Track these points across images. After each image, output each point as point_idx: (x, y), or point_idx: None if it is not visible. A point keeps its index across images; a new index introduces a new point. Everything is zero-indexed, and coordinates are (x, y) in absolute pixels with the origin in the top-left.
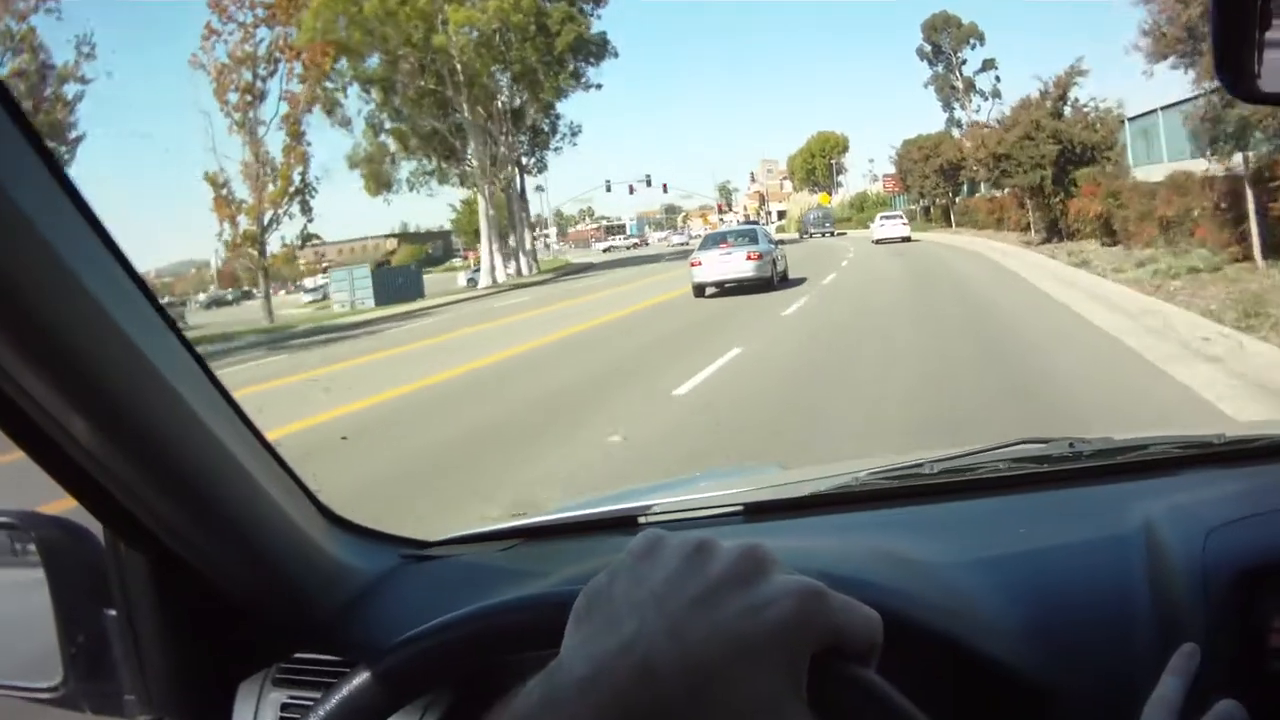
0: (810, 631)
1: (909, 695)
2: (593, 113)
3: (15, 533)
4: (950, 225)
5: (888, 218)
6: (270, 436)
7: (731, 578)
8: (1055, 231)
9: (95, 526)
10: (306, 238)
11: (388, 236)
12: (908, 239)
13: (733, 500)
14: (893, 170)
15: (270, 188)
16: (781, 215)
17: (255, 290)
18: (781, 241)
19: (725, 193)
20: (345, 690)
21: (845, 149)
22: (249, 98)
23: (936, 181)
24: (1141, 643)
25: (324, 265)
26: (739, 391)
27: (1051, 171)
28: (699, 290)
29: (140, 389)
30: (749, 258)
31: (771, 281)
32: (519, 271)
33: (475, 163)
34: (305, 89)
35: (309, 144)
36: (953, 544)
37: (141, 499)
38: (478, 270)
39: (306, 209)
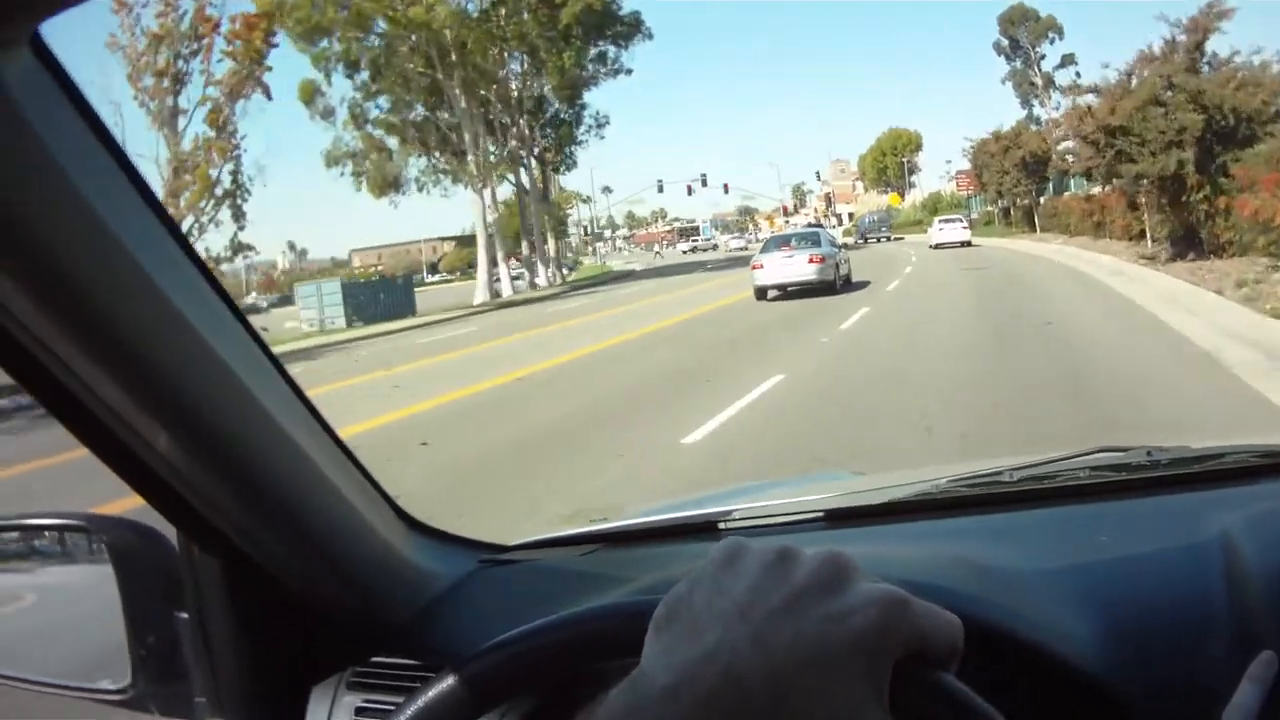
0: (894, 639)
1: (991, 701)
2: (658, 108)
3: (85, 535)
4: (1034, 229)
5: (947, 221)
6: None
7: (814, 586)
8: (1192, 242)
9: (166, 529)
10: (238, 248)
11: (433, 240)
12: (967, 243)
13: (813, 507)
14: (968, 168)
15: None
16: (851, 217)
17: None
18: (846, 245)
19: (799, 194)
20: (428, 696)
21: (918, 147)
22: (166, 82)
23: (1017, 178)
24: (1219, 651)
25: (356, 272)
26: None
27: (1194, 153)
28: (760, 293)
29: (216, 392)
30: (811, 260)
31: (834, 285)
32: (532, 283)
33: (471, 158)
34: (231, 72)
35: (241, 137)
36: (1034, 551)
37: (216, 503)
38: (515, 276)
39: (239, 215)
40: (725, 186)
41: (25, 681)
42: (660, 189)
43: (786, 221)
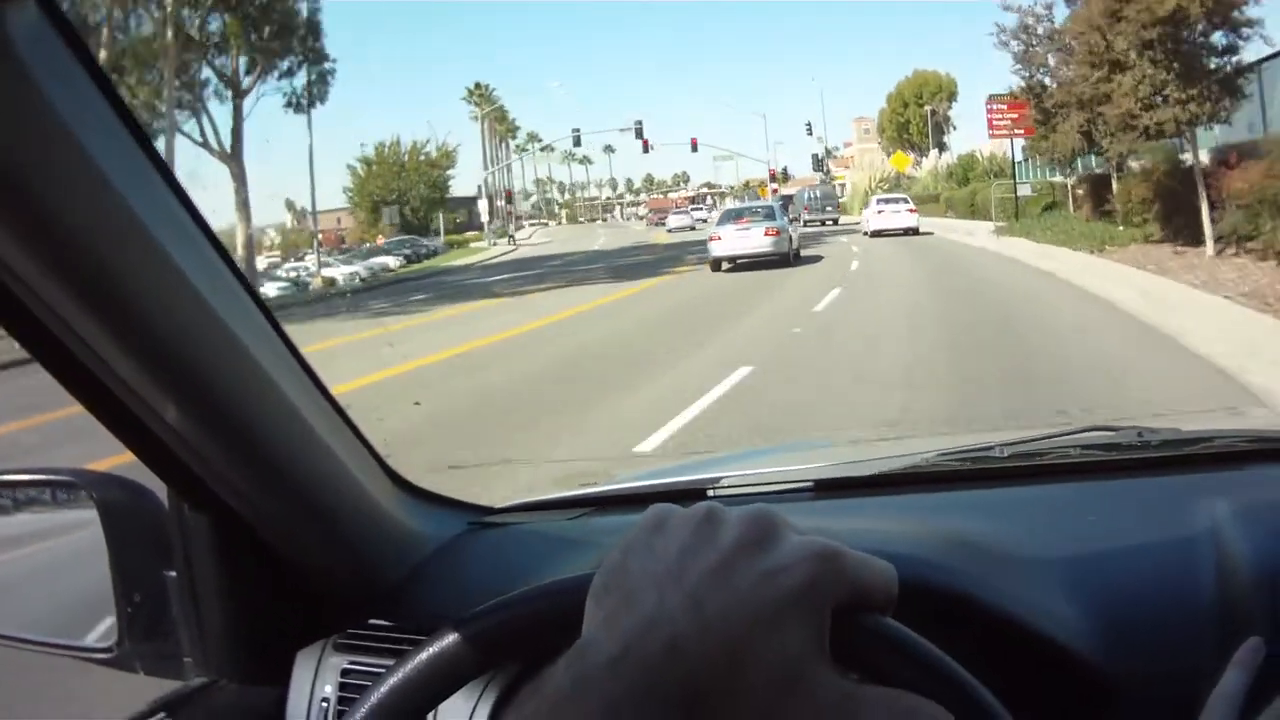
0: (828, 590)
1: (976, 677)
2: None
3: (72, 490)
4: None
5: (887, 201)
6: None
7: (745, 544)
8: None
9: (156, 485)
10: None
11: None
12: (914, 230)
13: (802, 476)
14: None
15: None
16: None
17: None
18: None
19: (820, 158)
20: (419, 658)
21: (952, 96)
22: None
23: (1160, 76)
24: (1206, 636)
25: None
26: None
27: None
28: (715, 265)
29: (210, 347)
30: (767, 233)
31: (788, 257)
32: None
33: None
34: None
35: None
36: (1021, 528)
37: (208, 460)
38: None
39: None
40: (694, 143)
41: (9, 639)
42: (577, 142)
43: (774, 192)
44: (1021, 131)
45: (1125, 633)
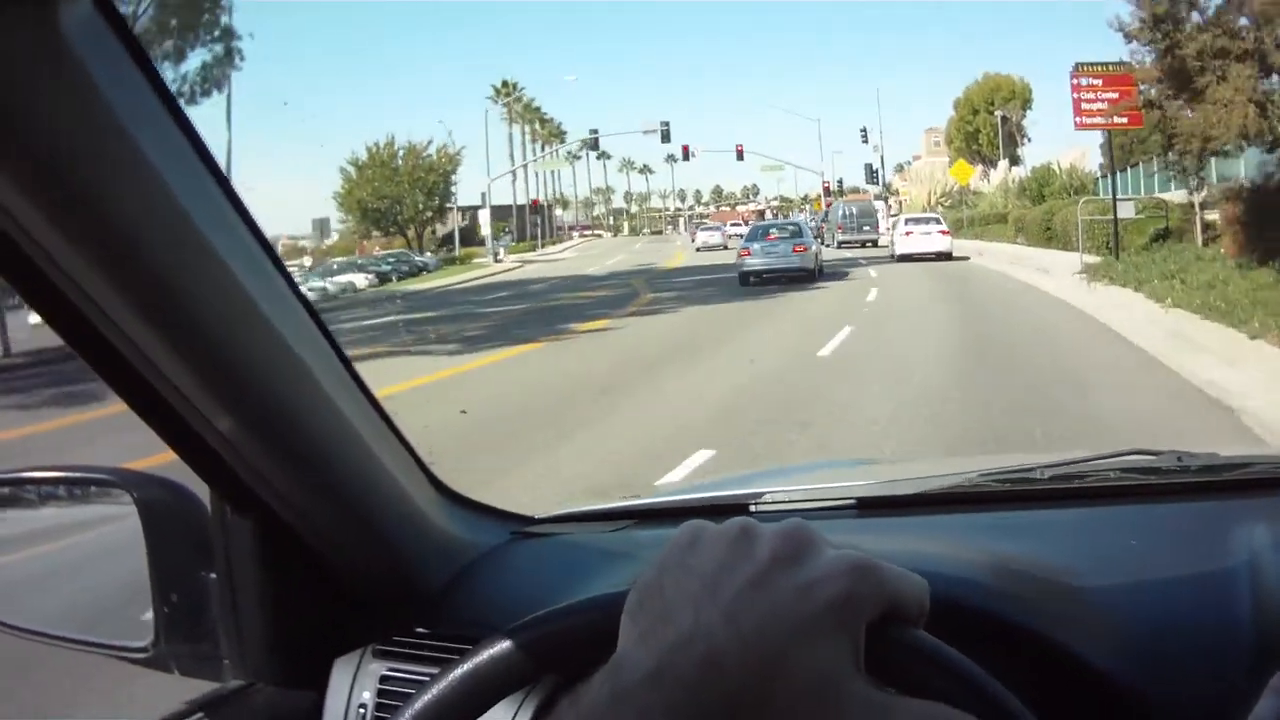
0: (863, 604)
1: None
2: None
3: (114, 490)
4: None
5: (917, 221)
6: None
7: (780, 559)
8: None
9: (199, 487)
10: None
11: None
12: (946, 255)
13: (845, 493)
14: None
15: None
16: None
17: None
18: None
19: (873, 169)
20: (465, 666)
21: (1027, 102)
22: None
23: None
24: (1242, 663)
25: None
26: None
27: None
28: (744, 279)
29: (259, 350)
30: (795, 250)
31: (814, 273)
32: None
33: None
34: None
35: None
36: (1061, 551)
37: (252, 463)
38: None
39: None
40: (739, 150)
41: (47, 636)
42: (595, 145)
43: (828, 205)
44: (1124, 118)
45: (1161, 658)
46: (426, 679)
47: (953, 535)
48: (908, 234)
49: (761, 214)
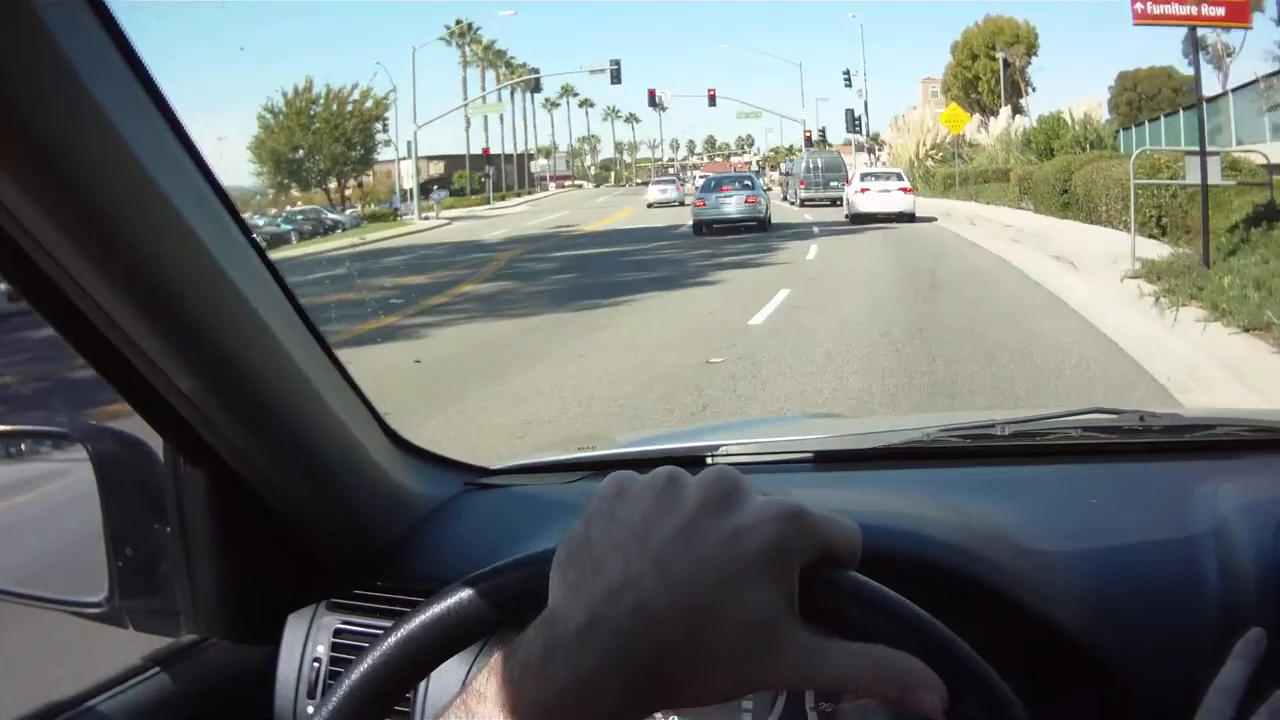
0: (794, 549)
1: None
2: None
3: (67, 443)
4: None
5: (874, 176)
6: None
7: (708, 506)
8: None
9: (152, 439)
10: None
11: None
12: (909, 216)
13: (804, 446)
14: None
15: None
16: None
17: None
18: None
19: (855, 116)
20: (419, 618)
21: (1032, 48)
22: None
23: None
24: (1208, 625)
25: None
26: None
27: None
28: (698, 229)
29: (213, 300)
30: (748, 201)
31: (765, 223)
32: None
33: None
34: None
35: None
36: (1022, 508)
37: (207, 415)
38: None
39: None
40: (710, 94)
41: (2, 593)
42: (537, 86)
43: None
44: (1222, 12)
45: (1125, 619)
46: (381, 633)
47: (912, 489)
48: (863, 190)
49: (762, 166)
